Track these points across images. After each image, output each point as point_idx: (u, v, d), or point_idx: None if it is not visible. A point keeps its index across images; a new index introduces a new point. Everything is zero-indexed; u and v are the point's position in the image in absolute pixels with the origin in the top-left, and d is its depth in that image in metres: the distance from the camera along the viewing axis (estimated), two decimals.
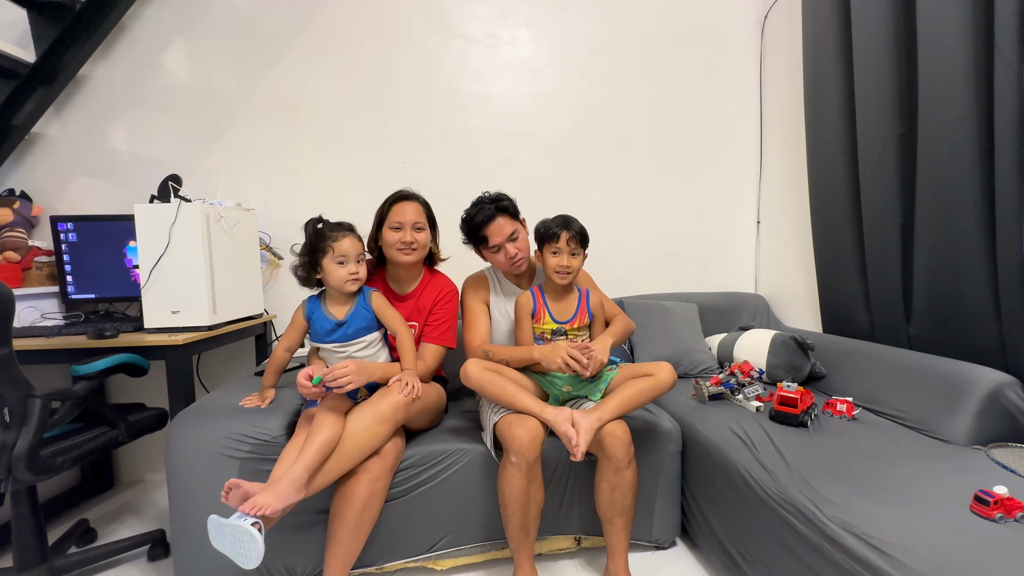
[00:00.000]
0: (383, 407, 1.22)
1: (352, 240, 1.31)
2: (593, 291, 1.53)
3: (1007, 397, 1.26)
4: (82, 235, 1.79)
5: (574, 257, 1.40)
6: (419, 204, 1.49)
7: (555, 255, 1.40)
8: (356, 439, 1.18)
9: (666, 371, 1.35)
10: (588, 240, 1.43)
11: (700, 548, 1.47)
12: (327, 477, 1.15)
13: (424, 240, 1.47)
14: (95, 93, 1.98)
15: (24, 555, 1.30)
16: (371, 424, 1.20)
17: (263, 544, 0.99)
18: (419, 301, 1.51)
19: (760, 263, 2.43)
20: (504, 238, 1.47)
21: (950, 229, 1.42)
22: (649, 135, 2.33)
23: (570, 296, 1.48)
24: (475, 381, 1.32)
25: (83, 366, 1.33)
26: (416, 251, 1.45)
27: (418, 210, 1.47)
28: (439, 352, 1.48)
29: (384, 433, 1.23)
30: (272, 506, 1.03)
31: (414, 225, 1.44)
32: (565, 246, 1.38)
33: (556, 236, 1.38)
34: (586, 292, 1.49)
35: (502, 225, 1.47)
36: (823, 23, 1.85)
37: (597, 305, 1.49)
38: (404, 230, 1.43)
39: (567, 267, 1.39)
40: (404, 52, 2.15)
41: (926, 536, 0.87)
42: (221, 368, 2.10)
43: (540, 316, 1.44)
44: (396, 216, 1.44)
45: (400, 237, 1.43)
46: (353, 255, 1.31)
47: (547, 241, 1.41)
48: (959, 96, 1.36)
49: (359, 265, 1.32)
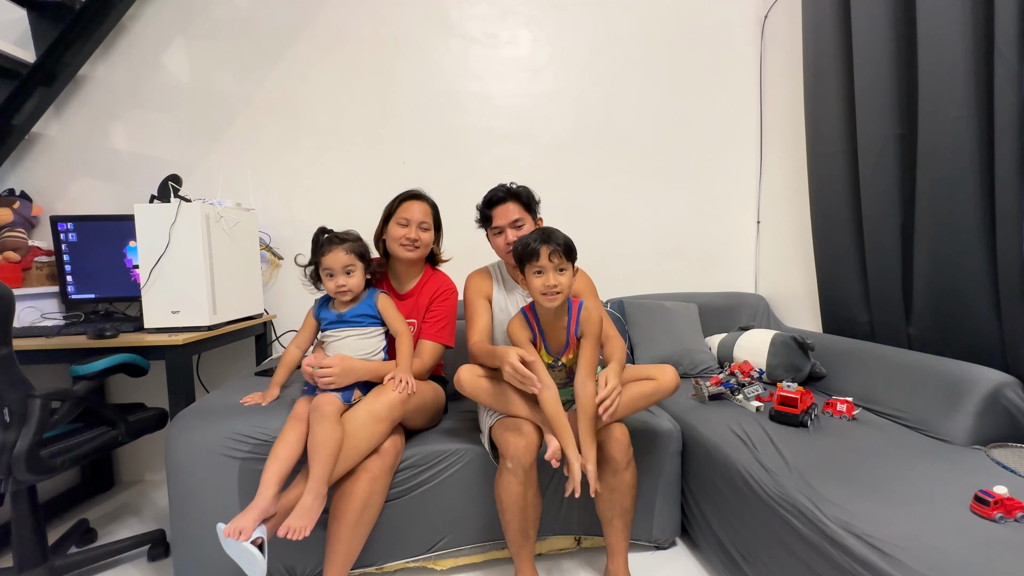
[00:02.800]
0: (379, 406, 1.22)
1: (338, 253, 1.32)
2: (590, 298, 1.41)
3: (1007, 397, 1.26)
4: (82, 235, 1.79)
5: (561, 274, 1.21)
6: (428, 205, 1.52)
7: (539, 275, 1.21)
8: (353, 439, 1.18)
9: (669, 375, 1.33)
10: (575, 252, 1.25)
11: (700, 548, 1.47)
12: (331, 479, 1.15)
13: (428, 240, 1.49)
14: (95, 93, 1.98)
15: (24, 555, 1.30)
16: (368, 423, 1.20)
17: (265, 562, 1.04)
18: (418, 299, 1.52)
19: (760, 263, 2.43)
20: (507, 222, 1.44)
21: (950, 229, 1.42)
22: (649, 135, 2.33)
23: (561, 319, 1.29)
24: (468, 389, 1.31)
25: (83, 366, 1.32)
26: (419, 249, 1.47)
27: (426, 210, 1.50)
28: (436, 349, 1.48)
29: (381, 432, 1.22)
30: (307, 528, 1.07)
31: (420, 224, 1.47)
32: (548, 263, 1.20)
33: (536, 253, 1.20)
34: (578, 305, 1.30)
35: (509, 210, 1.45)
36: (823, 23, 1.85)
37: (589, 320, 1.27)
38: (410, 227, 1.45)
39: (554, 286, 1.20)
40: (404, 52, 2.15)
41: (926, 536, 0.87)
42: (221, 368, 2.10)
43: (537, 346, 1.30)
44: (404, 212, 1.47)
45: (405, 233, 1.45)
46: (339, 268, 1.32)
47: (527, 260, 1.22)
48: (959, 96, 1.36)
49: (348, 277, 1.33)
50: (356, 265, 1.35)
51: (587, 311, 1.29)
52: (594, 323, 1.27)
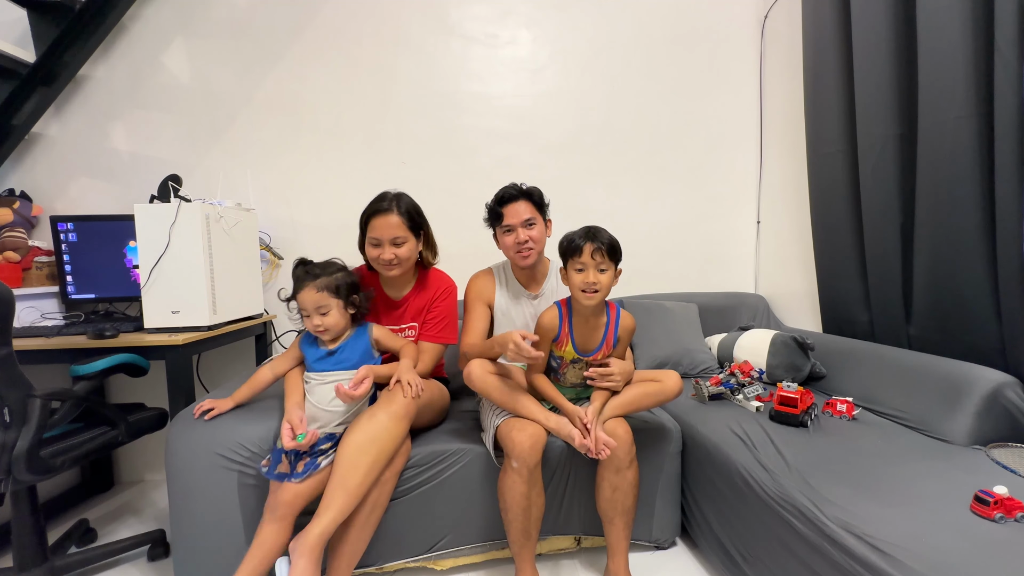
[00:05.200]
0: (396, 406, 1.22)
1: (309, 292, 1.26)
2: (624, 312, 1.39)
3: (1007, 397, 1.26)
4: (82, 235, 1.78)
5: (602, 273, 1.23)
6: (398, 216, 1.36)
7: (580, 272, 1.24)
8: (380, 443, 1.17)
9: (673, 379, 1.34)
10: (619, 253, 1.27)
11: (700, 548, 1.47)
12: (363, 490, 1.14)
13: (406, 253, 1.38)
14: (95, 93, 1.98)
15: (24, 555, 1.30)
16: (389, 424, 1.19)
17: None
18: (415, 302, 1.50)
19: (760, 263, 2.43)
20: (519, 220, 1.44)
21: (950, 229, 1.42)
22: (649, 135, 2.33)
23: (599, 320, 1.31)
24: (478, 384, 1.30)
25: (83, 366, 1.32)
26: (398, 265, 1.39)
27: (396, 223, 1.36)
28: (437, 349, 1.47)
29: (403, 431, 1.22)
30: None
31: (392, 241, 1.36)
32: (590, 260, 1.22)
33: (579, 249, 1.23)
34: (616, 311, 1.34)
35: (521, 208, 1.45)
36: (823, 23, 1.85)
37: (627, 328, 1.34)
38: (382, 247, 1.36)
39: (594, 284, 1.22)
40: (404, 52, 2.15)
41: (926, 536, 0.87)
42: (221, 368, 2.10)
43: (562, 343, 1.32)
44: (373, 232, 1.37)
45: (379, 254, 1.37)
46: (311, 308, 1.26)
47: (570, 256, 1.26)
48: (959, 96, 1.36)
49: (324, 317, 1.27)
50: (329, 304, 1.27)
51: (625, 316, 1.34)
52: (629, 330, 1.36)
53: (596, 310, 1.30)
